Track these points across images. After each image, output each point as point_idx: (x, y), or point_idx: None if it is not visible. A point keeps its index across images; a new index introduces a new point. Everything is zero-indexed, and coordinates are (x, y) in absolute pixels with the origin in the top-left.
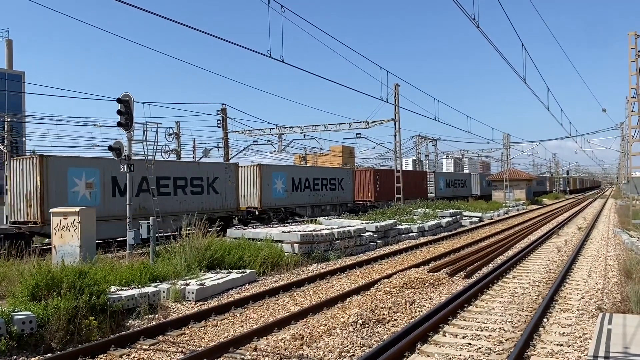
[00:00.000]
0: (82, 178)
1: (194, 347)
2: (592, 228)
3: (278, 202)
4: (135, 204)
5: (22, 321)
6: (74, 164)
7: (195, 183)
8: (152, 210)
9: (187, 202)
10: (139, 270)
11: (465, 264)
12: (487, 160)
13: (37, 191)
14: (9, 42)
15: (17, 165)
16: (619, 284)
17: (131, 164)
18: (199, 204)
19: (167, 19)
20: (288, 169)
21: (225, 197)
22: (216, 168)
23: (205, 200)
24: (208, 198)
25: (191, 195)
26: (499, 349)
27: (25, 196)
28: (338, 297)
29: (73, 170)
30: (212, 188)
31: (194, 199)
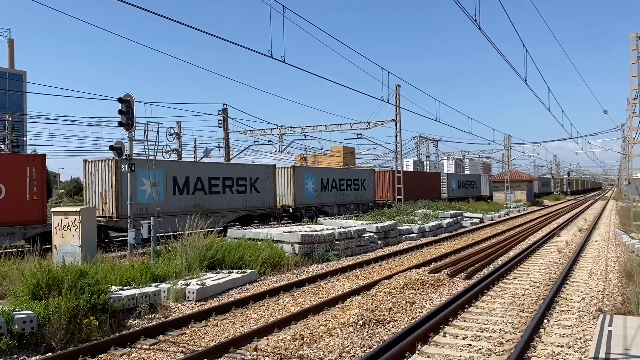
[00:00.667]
0: (150, 179)
1: (195, 347)
2: (592, 229)
3: (309, 201)
4: (191, 201)
5: (23, 320)
6: (142, 165)
7: (240, 183)
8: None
9: (233, 200)
10: (140, 270)
11: (466, 265)
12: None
13: (113, 190)
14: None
15: (92, 166)
16: (619, 286)
17: (132, 164)
18: (243, 202)
19: (169, 19)
20: (317, 171)
21: (264, 196)
22: (257, 169)
23: (248, 199)
24: (251, 197)
25: (237, 194)
26: (500, 350)
27: (100, 194)
28: (338, 298)
29: (142, 172)
30: (254, 188)
31: (239, 197)
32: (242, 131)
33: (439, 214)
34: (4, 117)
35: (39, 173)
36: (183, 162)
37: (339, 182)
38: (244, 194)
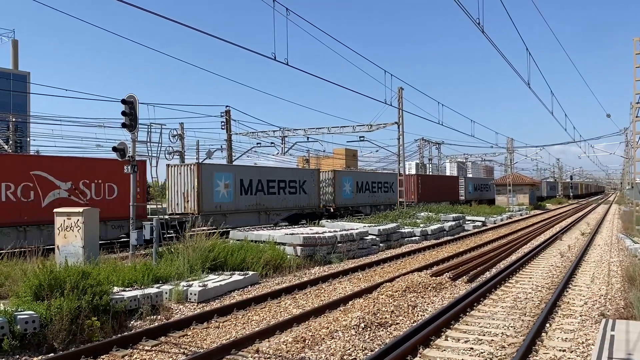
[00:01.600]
0: (222, 180)
1: (196, 349)
2: (595, 233)
3: (347, 202)
4: (253, 201)
5: (25, 321)
6: (217, 169)
7: (291, 185)
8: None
9: (286, 200)
10: (142, 271)
11: (468, 269)
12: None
13: (195, 190)
14: (14, 42)
15: (175, 170)
16: (622, 290)
17: (134, 165)
18: (294, 202)
19: (172, 21)
20: (354, 174)
21: (311, 197)
22: (305, 173)
23: (298, 199)
24: (300, 197)
25: (289, 195)
26: (502, 353)
27: (182, 194)
28: (340, 300)
29: (217, 175)
30: (303, 189)
31: (291, 197)
32: (245, 133)
33: (441, 217)
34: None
35: (142, 175)
36: (249, 167)
37: (371, 184)
38: (295, 195)
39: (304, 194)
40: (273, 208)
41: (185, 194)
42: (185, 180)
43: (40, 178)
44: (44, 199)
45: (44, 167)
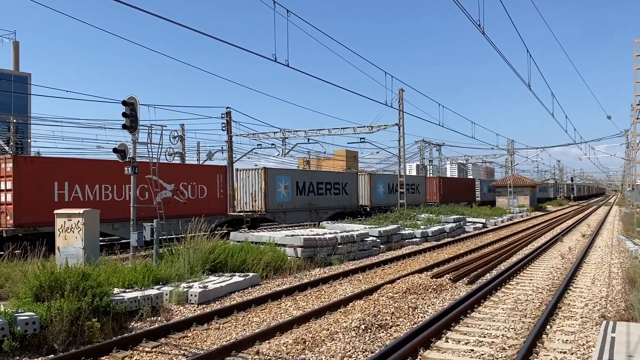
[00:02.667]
0: (282, 182)
1: (196, 350)
2: (596, 235)
3: (380, 202)
4: (306, 200)
5: (25, 322)
6: (279, 173)
7: (336, 187)
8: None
9: (331, 200)
10: (142, 273)
11: (469, 270)
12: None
13: (262, 191)
14: (15, 44)
15: (244, 174)
16: (623, 292)
17: (135, 166)
18: (338, 201)
19: (174, 22)
20: (386, 177)
21: (351, 197)
22: (347, 176)
23: (341, 199)
24: (342, 198)
25: (334, 195)
26: (502, 355)
27: (251, 194)
28: (341, 302)
29: (279, 178)
30: (345, 191)
31: (336, 198)
32: (246, 134)
33: (441, 218)
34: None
35: (224, 178)
36: (302, 171)
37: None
38: (338, 196)
39: (345, 194)
40: (321, 207)
41: (253, 194)
42: (253, 182)
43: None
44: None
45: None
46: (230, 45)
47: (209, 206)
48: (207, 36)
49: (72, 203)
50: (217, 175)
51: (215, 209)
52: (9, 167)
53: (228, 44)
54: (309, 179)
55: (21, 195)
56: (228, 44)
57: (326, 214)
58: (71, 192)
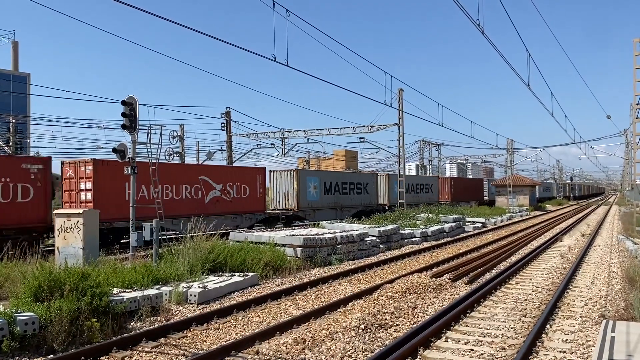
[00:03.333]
0: (312, 183)
1: (196, 350)
2: (595, 235)
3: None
4: (332, 199)
5: (25, 322)
6: (309, 174)
7: (358, 186)
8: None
9: (354, 199)
10: (142, 273)
11: (468, 270)
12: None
13: (294, 191)
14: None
15: (277, 175)
16: (622, 291)
17: (135, 167)
18: (360, 200)
19: (173, 22)
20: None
21: (372, 196)
22: (368, 176)
23: (363, 199)
24: (364, 197)
25: (357, 195)
26: (502, 355)
27: (284, 194)
28: (340, 302)
29: (309, 178)
30: (366, 190)
31: (358, 197)
32: (245, 134)
33: (441, 218)
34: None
35: (262, 179)
36: (329, 172)
37: (416, 186)
38: (360, 195)
39: (367, 194)
40: (346, 205)
41: (286, 193)
42: (286, 182)
43: (204, 181)
44: (206, 197)
45: (207, 173)
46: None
47: (250, 204)
48: (207, 36)
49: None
50: (257, 176)
51: (255, 207)
52: (89, 169)
53: (227, 43)
54: (335, 179)
55: (99, 194)
56: (227, 44)
57: (350, 212)
58: (138, 192)
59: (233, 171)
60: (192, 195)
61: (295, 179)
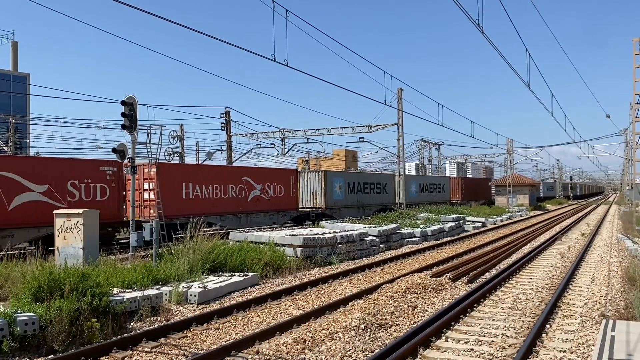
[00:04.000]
0: (337, 183)
1: (196, 350)
2: (595, 234)
3: (413, 200)
4: (355, 199)
5: (25, 322)
6: (335, 175)
7: (378, 186)
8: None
9: (375, 198)
10: (142, 273)
11: (468, 269)
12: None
13: (322, 190)
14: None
15: (306, 175)
16: (622, 291)
17: (134, 167)
18: (379, 199)
19: (172, 22)
20: (417, 178)
21: (390, 195)
22: (386, 177)
23: (382, 197)
24: (383, 196)
25: (377, 194)
26: (502, 354)
27: (312, 194)
28: (340, 302)
29: (335, 179)
30: (385, 190)
31: (378, 196)
32: (245, 134)
33: (441, 217)
34: (7, 119)
35: (295, 179)
36: (353, 172)
37: (429, 186)
38: (380, 194)
39: (385, 193)
40: (367, 204)
41: (314, 193)
42: (314, 183)
43: (247, 182)
44: (249, 196)
45: (249, 174)
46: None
47: (285, 203)
48: (206, 36)
49: (194, 199)
50: (290, 177)
51: (289, 205)
52: (153, 171)
53: (227, 43)
54: (357, 180)
55: (161, 193)
56: (227, 44)
57: (371, 210)
58: (193, 191)
59: (271, 172)
60: (236, 195)
61: (323, 179)
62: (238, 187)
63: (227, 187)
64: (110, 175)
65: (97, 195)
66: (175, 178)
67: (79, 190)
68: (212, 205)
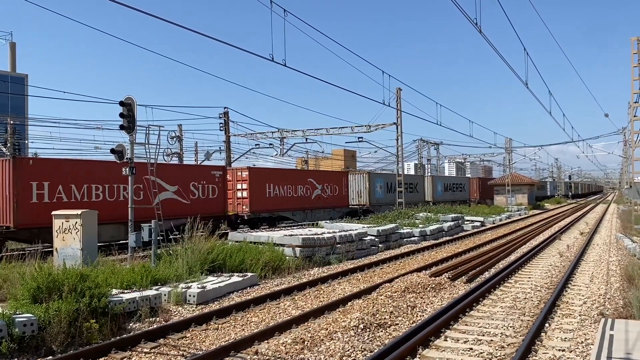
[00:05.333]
0: (379, 183)
1: (195, 351)
2: (594, 233)
3: (439, 198)
4: (392, 197)
5: (24, 323)
6: (377, 176)
7: (411, 186)
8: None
9: (408, 196)
10: (140, 273)
11: (467, 269)
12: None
13: (367, 190)
14: (12, 45)
15: (352, 176)
16: (621, 290)
17: (133, 167)
18: (412, 197)
19: (170, 22)
20: (443, 178)
21: (420, 194)
22: (417, 178)
23: (413, 196)
24: (415, 195)
25: (409, 193)
26: (501, 353)
27: (357, 193)
28: (339, 301)
29: (377, 180)
30: (416, 189)
31: (410, 195)
32: (243, 134)
33: (440, 217)
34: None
35: (346, 180)
36: (390, 174)
37: (452, 185)
38: (412, 193)
39: (417, 192)
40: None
41: (359, 192)
42: (359, 183)
43: (311, 182)
44: (312, 195)
45: (312, 176)
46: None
47: (339, 200)
48: (204, 36)
49: (274, 198)
50: (342, 178)
51: (341, 203)
52: (245, 174)
53: (225, 43)
54: (393, 180)
55: (251, 192)
56: (225, 44)
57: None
58: (273, 190)
59: (328, 174)
60: (304, 193)
61: (367, 180)
62: (305, 187)
63: (297, 187)
64: (218, 178)
65: (209, 194)
66: (261, 180)
67: (198, 190)
68: (286, 202)
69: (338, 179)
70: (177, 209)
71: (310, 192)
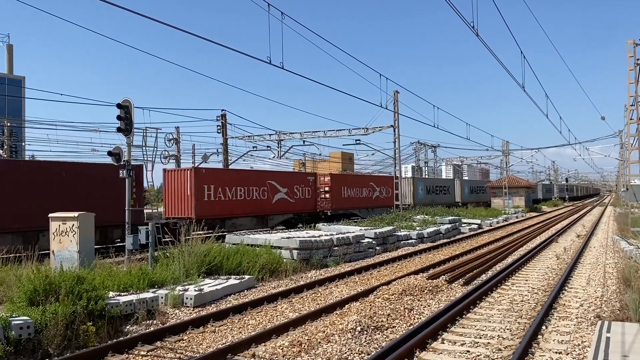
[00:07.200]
0: (420, 186)
1: (192, 354)
2: (591, 236)
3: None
4: (430, 198)
5: (20, 326)
6: (419, 180)
7: (444, 188)
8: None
9: (442, 198)
10: (137, 276)
11: (464, 271)
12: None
13: (411, 192)
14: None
15: (400, 181)
16: (617, 292)
17: (130, 169)
18: (445, 199)
19: (168, 25)
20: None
21: (452, 195)
22: (449, 181)
23: (446, 198)
24: (447, 196)
25: (443, 195)
26: (498, 356)
27: (403, 194)
28: (337, 304)
29: (419, 183)
30: (448, 191)
31: (444, 196)
32: (241, 137)
33: (437, 219)
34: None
35: (391, 183)
36: (429, 178)
37: (476, 188)
38: (445, 195)
39: (449, 194)
40: (437, 202)
41: (404, 194)
42: (405, 186)
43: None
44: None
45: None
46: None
47: (387, 200)
48: (202, 38)
49: (347, 198)
50: (392, 181)
51: (389, 203)
52: (327, 179)
53: (223, 46)
54: (431, 183)
55: (332, 194)
56: (223, 47)
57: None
58: (346, 192)
59: (382, 178)
60: (367, 194)
61: (412, 183)
62: (368, 189)
63: (362, 189)
64: (311, 182)
65: (306, 195)
66: (338, 183)
67: (299, 192)
68: (356, 201)
69: (389, 182)
70: (287, 206)
71: (371, 193)
